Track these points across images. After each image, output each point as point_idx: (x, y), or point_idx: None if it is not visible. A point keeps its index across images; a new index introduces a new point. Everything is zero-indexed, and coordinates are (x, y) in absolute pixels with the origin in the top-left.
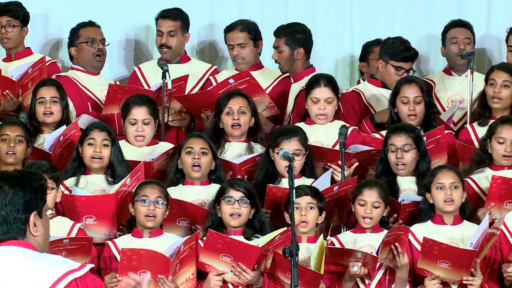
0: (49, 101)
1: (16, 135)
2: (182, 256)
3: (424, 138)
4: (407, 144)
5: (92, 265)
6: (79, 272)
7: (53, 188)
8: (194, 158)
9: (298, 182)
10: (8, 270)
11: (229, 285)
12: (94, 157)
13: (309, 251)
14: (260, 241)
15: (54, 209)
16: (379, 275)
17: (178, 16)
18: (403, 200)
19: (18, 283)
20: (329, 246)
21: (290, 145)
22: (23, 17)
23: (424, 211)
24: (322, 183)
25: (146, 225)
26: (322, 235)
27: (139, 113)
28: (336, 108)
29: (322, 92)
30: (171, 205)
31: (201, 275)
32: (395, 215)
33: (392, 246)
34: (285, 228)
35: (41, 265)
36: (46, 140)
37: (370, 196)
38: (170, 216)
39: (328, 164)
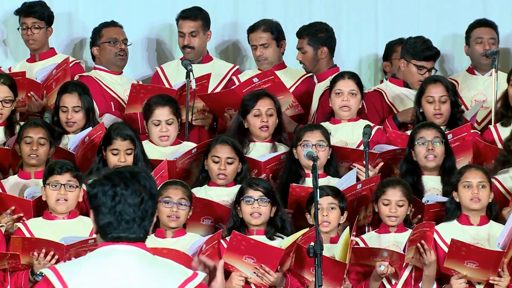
0: (71, 111)
1: (38, 138)
2: (204, 255)
3: (450, 136)
4: (437, 137)
5: (204, 274)
6: (196, 281)
7: (77, 186)
8: (220, 169)
9: (323, 181)
10: (128, 272)
11: (252, 285)
12: (119, 166)
13: (331, 252)
14: (283, 243)
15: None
16: (405, 274)
17: (198, 16)
18: (428, 200)
19: (142, 285)
20: (354, 246)
21: (313, 136)
22: (48, 18)
23: (451, 210)
24: (347, 182)
25: (169, 225)
26: (348, 226)
27: (162, 113)
28: (360, 106)
29: (345, 84)
30: (195, 203)
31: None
32: (419, 216)
33: (418, 244)
34: (307, 229)
35: (160, 270)
36: (71, 141)
37: (394, 195)
38: (194, 214)
39: (353, 164)
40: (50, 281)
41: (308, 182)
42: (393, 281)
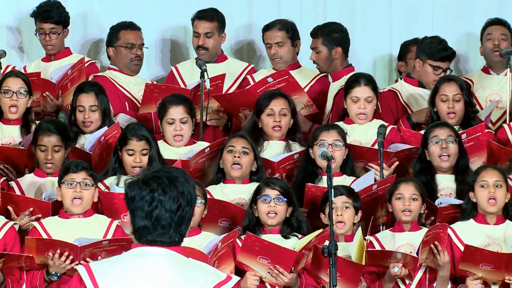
0: (88, 110)
1: (53, 146)
2: (220, 253)
3: (464, 136)
4: (451, 136)
5: (238, 278)
6: (229, 284)
7: (92, 185)
8: (235, 157)
9: (339, 180)
10: (161, 274)
11: (267, 284)
12: (135, 166)
13: (346, 250)
14: (297, 244)
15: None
16: (419, 275)
17: (214, 17)
18: (440, 203)
19: (174, 286)
20: (368, 249)
21: (329, 135)
22: (64, 21)
23: (467, 210)
24: (364, 183)
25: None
26: (360, 228)
27: (177, 112)
28: (375, 108)
29: (362, 91)
30: (212, 205)
31: (239, 274)
32: (432, 218)
33: (432, 245)
34: (321, 230)
35: (193, 272)
36: (87, 140)
37: (407, 190)
38: (212, 216)
39: (369, 164)
40: (82, 278)
41: (324, 181)
42: (407, 281)
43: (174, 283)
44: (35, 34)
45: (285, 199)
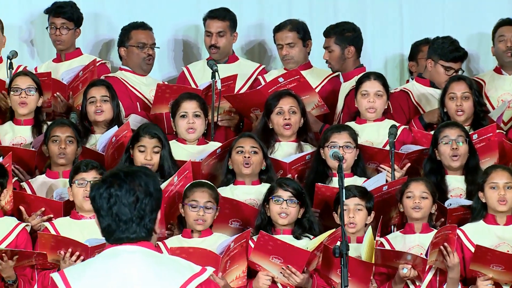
0: (100, 100)
1: (66, 136)
2: (232, 253)
3: (475, 136)
4: (461, 136)
5: (213, 269)
6: (203, 277)
7: None
8: (245, 157)
9: (349, 181)
10: (134, 272)
11: (279, 285)
12: (145, 164)
13: (358, 251)
14: (309, 244)
15: None
16: (429, 276)
17: (226, 16)
18: (450, 204)
19: (146, 284)
20: (378, 247)
21: (340, 137)
22: (77, 19)
23: (477, 210)
24: (375, 183)
25: (196, 229)
26: (370, 227)
27: (189, 106)
28: (386, 107)
29: (371, 86)
30: (224, 205)
31: (250, 274)
32: (442, 219)
33: (441, 247)
34: (333, 230)
35: (165, 267)
36: (99, 141)
37: (417, 188)
38: (223, 216)
39: (381, 166)
40: (56, 285)
41: (335, 182)
42: (417, 283)
43: (147, 280)
44: (46, 29)
45: (297, 201)
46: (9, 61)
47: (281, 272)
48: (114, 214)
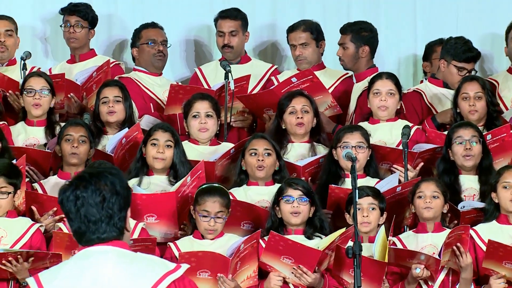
0: (112, 100)
1: (79, 135)
2: (242, 254)
3: (489, 137)
4: (475, 136)
5: (187, 265)
6: (177, 273)
7: None
8: (259, 160)
9: (362, 182)
10: (107, 271)
11: (290, 285)
12: (157, 157)
13: (370, 251)
14: (321, 243)
15: None
16: (441, 276)
17: (238, 16)
18: (463, 206)
19: (119, 284)
20: (392, 246)
21: (353, 137)
22: (91, 19)
23: (489, 211)
24: (388, 185)
25: (207, 237)
26: (383, 225)
27: (202, 106)
28: (398, 107)
29: (383, 84)
30: (235, 207)
31: (262, 275)
32: (455, 221)
33: (454, 247)
34: (344, 229)
35: (139, 265)
36: (109, 142)
37: (428, 188)
38: (235, 219)
39: (394, 166)
40: None
41: (348, 182)
42: (430, 283)
43: (120, 280)
44: (60, 27)
45: (308, 199)
46: (22, 62)
47: (292, 272)
48: (82, 216)
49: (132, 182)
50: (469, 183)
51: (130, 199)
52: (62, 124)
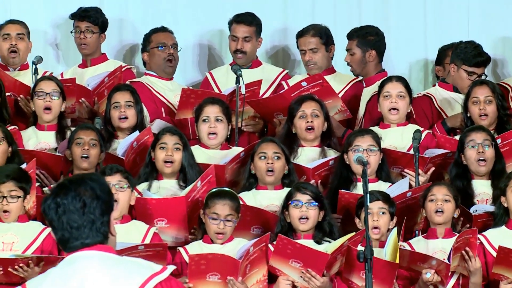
0: (124, 105)
1: (90, 139)
2: (252, 257)
3: (499, 140)
4: (487, 140)
5: (174, 267)
6: (163, 275)
7: (128, 187)
8: (268, 163)
9: (374, 186)
10: (92, 276)
11: None
12: (166, 161)
13: (380, 255)
14: (329, 247)
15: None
16: (452, 281)
17: (252, 22)
18: (476, 210)
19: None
20: (406, 249)
21: (364, 141)
22: (102, 24)
23: (499, 215)
24: (398, 189)
25: (216, 242)
26: (395, 228)
27: (212, 110)
28: (409, 110)
29: (393, 87)
30: (245, 212)
31: (271, 278)
32: (468, 225)
33: (463, 251)
34: (353, 233)
35: (124, 269)
36: (119, 146)
37: (439, 191)
38: (244, 223)
39: (405, 170)
40: None
41: (360, 187)
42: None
43: (106, 283)
44: (71, 33)
45: (317, 204)
46: (34, 66)
47: (301, 276)
48: (64, 223)
49: (142, 187)
50: (482, 188)
51: (112, 204)
52: (73, 128)
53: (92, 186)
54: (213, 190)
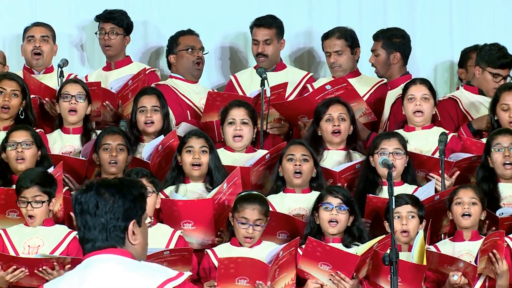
0: (150, 110)
1: (117, 144)
2: (281, 261)
3: None
4: None
5: (189, 273)
6: (178, 281)
7: (153, 192)
8: (296, 165)
9: (400, 189)
10: (107, 279)
11: None
12: (194, 164)
13: (409, 259)
14: (359, 249)
15: (152, 218)
16: (479, 283)
17: (273, 24)
18: (502, 213)
19: None
20: (434, 251)
21: (390, 144)
22: (127, 26)
23: None
24: (425, 193)
25: (244, 246)
26: (421, 230)
27: (238, 113)
28: (433, 113)
29: (417, 89)
30: (271, 217)
31: (300, 282)
32: (494, 228)
33: (490, 254)
34: (383, 236)
35: (139, 273)
36: (144, 149)
37: (466, 194)
38: (270, 228)
39: (430, 174)
40: None
41: (385, 190)
42: None
43: (120, 287)
44: (96, 34)
45: (347, 208)
46: (60, 69)
47: (330, 279)
48: (80, 222)
49: (170, 189)
50: (508, 191)
51: (135, 212)
52: (98, 131)
53: (113, 191)
54: (242, 193)
